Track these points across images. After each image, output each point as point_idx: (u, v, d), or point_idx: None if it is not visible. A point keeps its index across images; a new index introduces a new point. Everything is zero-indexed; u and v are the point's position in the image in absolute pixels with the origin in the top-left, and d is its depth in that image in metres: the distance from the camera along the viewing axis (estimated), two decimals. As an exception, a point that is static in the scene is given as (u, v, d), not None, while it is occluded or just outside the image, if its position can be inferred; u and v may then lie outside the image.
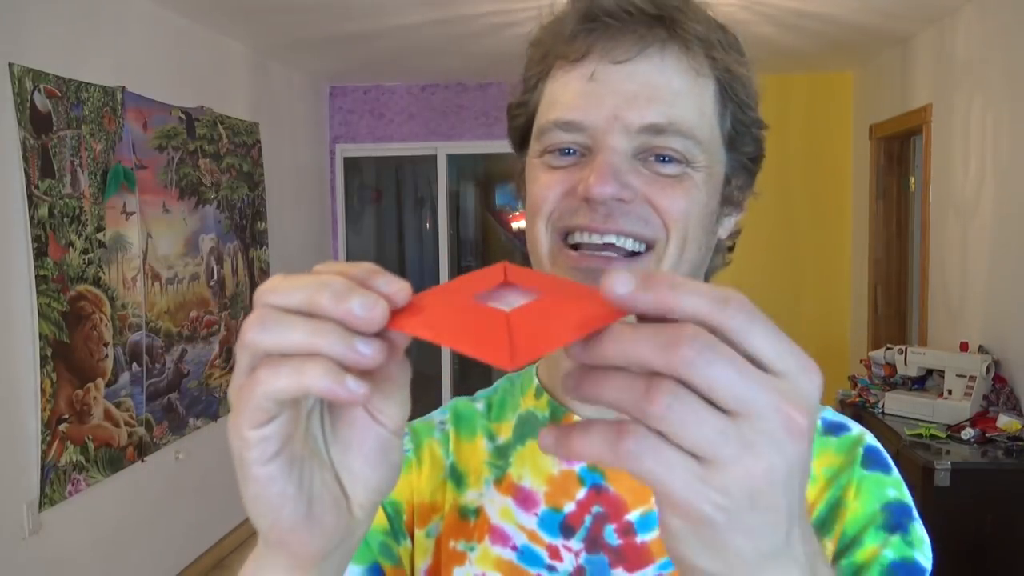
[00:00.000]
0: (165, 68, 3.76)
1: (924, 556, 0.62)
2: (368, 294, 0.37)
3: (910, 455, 2.88)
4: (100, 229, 3.20)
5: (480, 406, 0.74)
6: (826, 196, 5.46)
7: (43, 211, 2.88)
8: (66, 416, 2.99)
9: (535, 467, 0.67)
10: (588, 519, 0.65)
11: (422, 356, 6.92)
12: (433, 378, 6.11)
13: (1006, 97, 3.42)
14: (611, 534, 0.64)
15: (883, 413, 3.40)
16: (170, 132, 3.74)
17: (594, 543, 0.64)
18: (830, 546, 0.63)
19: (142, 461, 3.47)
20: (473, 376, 6.95)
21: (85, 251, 3.11)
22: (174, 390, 3.75)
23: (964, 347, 3.38)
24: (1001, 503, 2.78)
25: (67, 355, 3.00)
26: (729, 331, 0.35)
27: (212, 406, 4.10)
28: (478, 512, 0.68)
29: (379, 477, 0.44)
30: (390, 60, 5.00)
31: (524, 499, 0.67)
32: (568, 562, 0.64)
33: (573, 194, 0.62)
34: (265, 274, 4.72)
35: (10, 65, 2.76)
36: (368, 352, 0.37)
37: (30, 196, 2.83)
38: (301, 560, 0.43)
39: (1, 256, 2.75)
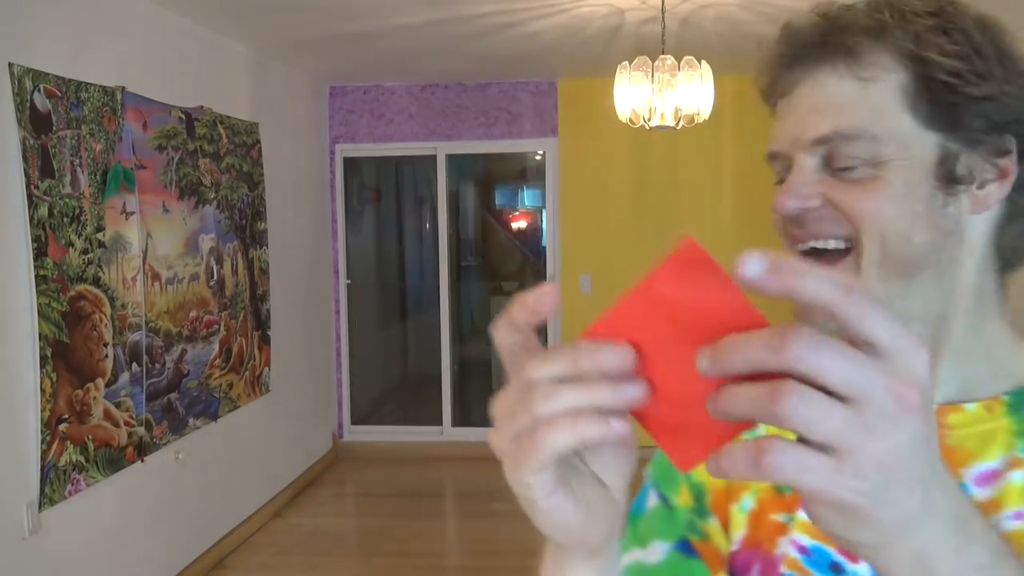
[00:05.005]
0: (165, 68, 3.76)
1: None
2: (611, 350, 0.44)
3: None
4: (100, 229, 3.20)
5: None
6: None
7: (43, 211, 2.88)
8: (66, 416, 2.99)
9: None
10: None
11: (423, 356, 6.92)
12: (434, 378, 6.11)
13: (1006, 97, 3.41)
14: None
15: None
16: (170, 132, 3.74)
17: None
18: None
19: (142, 461, 3.47)
20: (473, 377, 6.94)
21: (85, 251, 3.10)
22: (174, 390, 3.75)
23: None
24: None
25: (67, 355, 2.99)
26: (849, 315, 0.39)
27: (212, 406, 4.09)
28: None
29: (626, 463, 0.51)
30: (390, 60, 5.00)
31: None
32: None
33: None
34: (265, 274, 4.72)
35: (10, 65, 2.76)
36: (636, 392, 0.44)
37: (30, 196, 2.83)
38: (594, 548, 0.53)
39: (1, 256, 2.75)
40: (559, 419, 0.44)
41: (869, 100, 0.65)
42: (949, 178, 0.65)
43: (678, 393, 0.44)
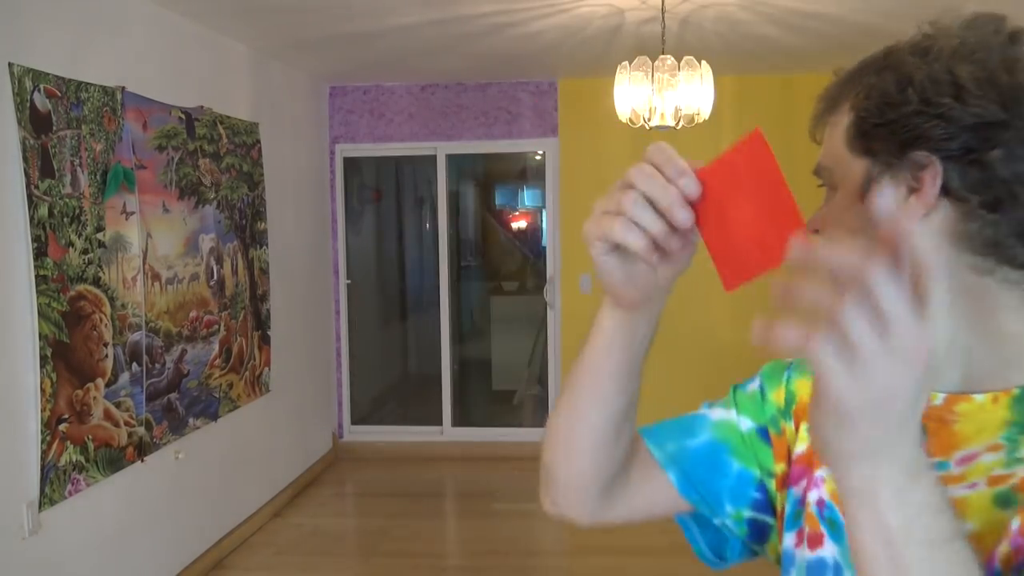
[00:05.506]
0: (165, 68, 3.76)
1: None
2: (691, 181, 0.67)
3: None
4: (100, 229, 3.20)
5: None
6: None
7: (43, 211, 2.88)
8: (66, 416, 2.99)
9: None
10: None
11: (423, 356, 6.92)
12: (434, 377, 6.11)
13: (1006, 97, 3.41)
14: None
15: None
16: (170, 132, 3.74)
17: None
18: None
19: (142, 461, 3.47)
20: (473, 377, 6.95)
21: (85, 251, 3.10)
22: (174, 390, 3.75)
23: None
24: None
25: (67, 355, 2.99)
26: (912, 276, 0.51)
27: (212, 406, 4.09)
28: None
29: (678, 264, 0.73)
30: (390, 60, 5.00)
31: None
32: None
33: None
34: (265, 274, 4.72)
35: (10, 65, 2.76)
36: (687, 217, 0.68)
37: (30, 196, 2.83)
38: (631, 304, 0.78)
39: (1, 256, 2.75)
40: (634, 227, 0.67)
41: (831, 141, 0.80)
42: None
43: (732, 230, 0.65)
